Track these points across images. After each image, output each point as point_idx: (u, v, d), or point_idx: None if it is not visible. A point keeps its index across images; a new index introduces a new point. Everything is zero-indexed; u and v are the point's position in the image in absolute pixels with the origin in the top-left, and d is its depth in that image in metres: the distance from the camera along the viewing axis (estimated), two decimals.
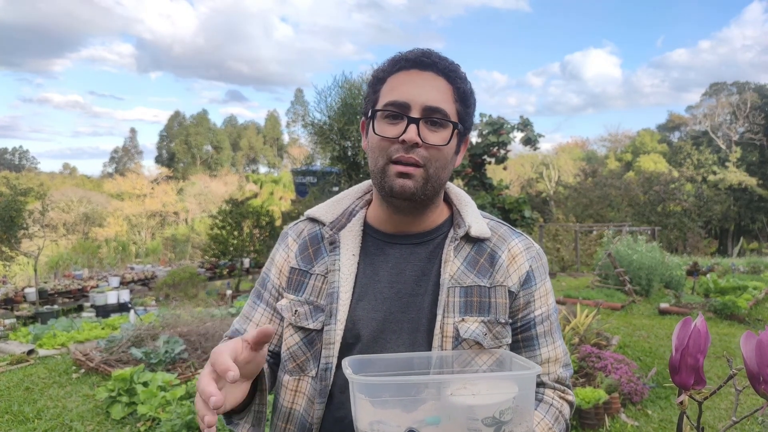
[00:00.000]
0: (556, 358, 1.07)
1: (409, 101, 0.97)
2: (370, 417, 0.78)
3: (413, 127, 0.96)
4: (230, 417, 0.96)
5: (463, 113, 1.03)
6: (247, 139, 60.46)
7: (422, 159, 0.97)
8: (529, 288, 1.05)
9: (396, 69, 1.01)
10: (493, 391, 0.81)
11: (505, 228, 1.11)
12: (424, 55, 1.00)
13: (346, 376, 0.80)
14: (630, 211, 24.48)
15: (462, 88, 1.01)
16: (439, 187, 1.03)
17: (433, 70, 1.00)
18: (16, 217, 10.53)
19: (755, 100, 38.86)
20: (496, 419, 0.79)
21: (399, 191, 0.98)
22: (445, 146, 0.99)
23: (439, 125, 0.98)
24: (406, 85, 0.99)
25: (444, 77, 1.00)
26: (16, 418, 4.56)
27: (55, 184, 37.62)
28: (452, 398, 0.79)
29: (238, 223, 14.15)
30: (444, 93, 0.99)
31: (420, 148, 0.97)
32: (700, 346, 0.62)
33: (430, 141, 0.97)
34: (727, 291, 9.51)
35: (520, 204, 10.68)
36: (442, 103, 0.98)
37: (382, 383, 0.79)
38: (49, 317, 8.98)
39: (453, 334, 0.98)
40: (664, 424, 4.24)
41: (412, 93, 0.98)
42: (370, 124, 1.02)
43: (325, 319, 1.02)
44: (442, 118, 0.98)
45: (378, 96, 1.02)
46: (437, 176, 1.00)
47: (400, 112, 0.97)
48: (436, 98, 0.98)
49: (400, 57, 1.02)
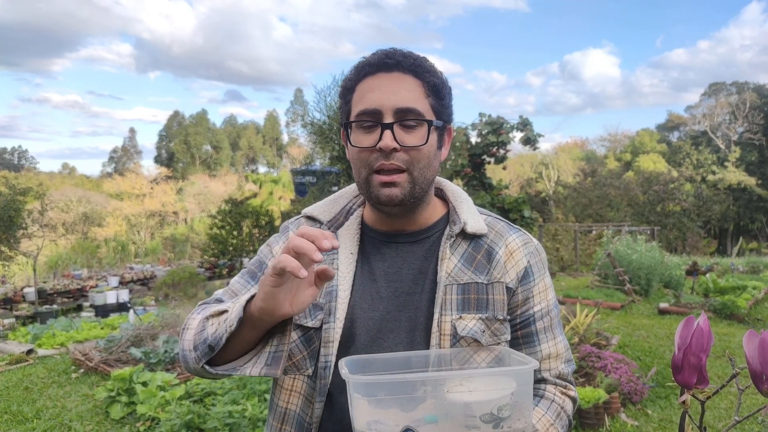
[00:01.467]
0: (557, 354, 1.06)
1: (380, 107, 0.95)
2: (368, 417, 0.78)
3: (388, 133, 0.94)
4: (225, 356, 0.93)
5: (438, 106, 1.01)
6: (246, 138, 60.43)
7: (404, 163, 0.96)
8: (527, 284, 1.04)
9: (362, 76, 0.99)
10: (490, 387, 0.80)
11: (502, 224, 1.10)
12: (387, 56, 0.98)
13: (342, 376, 0.79)
14: (629, 210, 24.48)
15: (432, 82, 0.99)
16: (428, 186, 1.02)
17: (399, 70, 0.98)
18: (16, 216, 10.53)
19: (754, 100, 38.87)
20: (495, 415, 0.79)
21: (386, 200, 0.98)
22: (424, 146, 0.97)
23: (414, 126, 0.97)
24: (374, 91, 0.97)
25: (412, 74, 0.98)
26: (15, 417, 4.55)
27: (55, 183, 37.57)
28: (449, 396, 0.79)
29: (238, 223, 14.16)
30: (414, 91, 0.97)
31: (399, 153, 0.96)
32: (703, 345, 0.62)
33: (408, 143, 0.96)
34: (727, 291, 9.51)
35: (519, 204, 10.68)
36: (414, 101, 0.96)
37: (377, 382, 0.78)
38: (48, 317, 8.98)
39: (451, 332, 0.98)
40: (663, 423, 4.24)
41: (381, 98, 0.96)
42: (348, 136, 1.01)
43: (324, 317, 1.02)
44: (416, 118, 0.96)
45: (350, 107, 1.01)
46: (423, 177, 0.99)
47: (373, 120, 0.96)
48: (406, 98, 0.96)
49: (364, 63, 1.00)
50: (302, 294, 0.87)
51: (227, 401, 4.12)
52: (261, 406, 3.97)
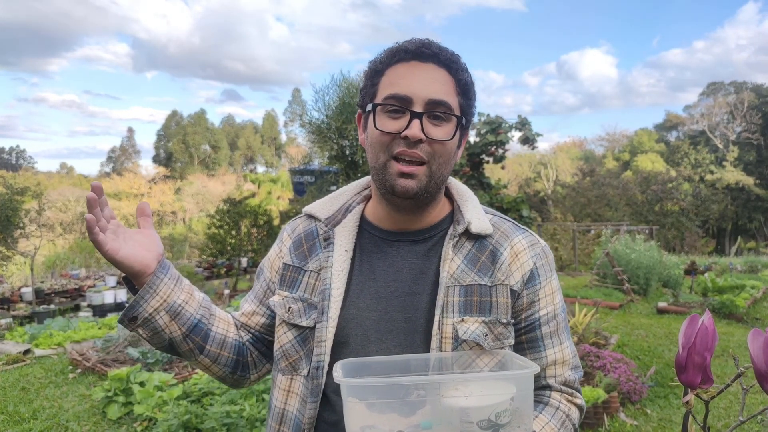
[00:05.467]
0: (563, 360, 1.02)
1: (411, 95, 0.93)
2: (361, 421, 0.76)
3: (416, 122, 0.92)
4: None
5: (465, 106, 0.99)
6: (244, 138, 60.37)
7: (426, 155, 0.94)
8: (533, 286, 1.00)
9: (395, 60, 0.97)
10: (487, 392, 0.77)
11: (509, 224, 1.06)
12: (424, 46, 0.96)
13: (335, 379, 0.78)
14: (628, 210, 24.50)
15: (464, 80, 0.98)
16: (442, 183, 1.00)
17: (434, 62, 0.96)
18: (13, 216, 10.49)
19: (752, 99, 38.92)
20: (492, 422, 0.76)
21: (401, 191, 0.95)
22: (449, 141, 0.96)
23: (442, 119, 0.95)
24: (407, 77, 0.95)
25: (446, 69, 0.97)
26: (12, 418, 4.53)
27: (52, 183, 37.50)
28: (444, 400, 0.77)
29: (236, 223, 14.11)
30: (446, 85, 0.96)
31: (423, 144, 0.94)
32: (708, 344, 0.60)
33: (434, 136, 0.94)
34: (725, 290, 9.52)
35: (518, 203, 10.68)
36: (445, 95, 0.95)
37: (370, 385, 0.77)
38: (45, 317, 8.95)
39: (452, 335, 0.95)
40: (663, 423, 4.23)
41: (414, 86, 0.94)
42: (370, 118, 0.98)
43: (317, 317, 1.00)
44: (446, 112, 0.95)
45: (377, 89, 0.98)
46: (440, 172, 0.97)
47: (403, 107, 0.94)
48: (438, 91, 0.94)
49: (399, 48, 0.98)
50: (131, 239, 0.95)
51: (225, 401, 4.10)
52: (259, 406, 3.96)
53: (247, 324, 1.14)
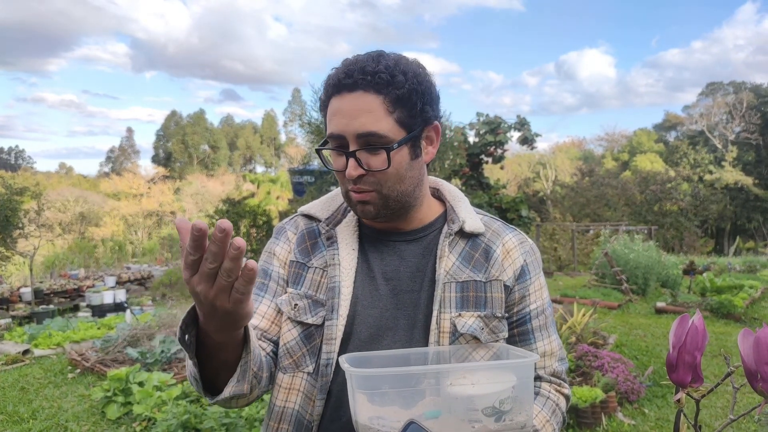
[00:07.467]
0: (551, 352, 1.08)
1: (343, 132, 0.94)
2: (370, 412, 0.78)
3: (352, 161, 0.94)
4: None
5: (406, 116, 0.95)
6: (244, 138, 60.38)
7: (371, 185, 0.96)
8: (524, 282, 1.06)
9: (330, 94, 0.98)
10: (492, 380, 0.81)
11: (498, 223, 1.11)
12: (347, 76, 0.94)
13: (344, 369, 0.79)
14: (627, 210, 24.54)
15: (396, 94, 0.93)
16: (405, 195, 1.00)
17: (361, 88, 0.93)
18: (12, 216, 10.49)
19: (751, 99, 38.98)
20: (496, 409, 0.79)
21: (361, 215, 1.01)
22: (388, 169, 0.95)
23: (378, 147, 0.95)
24: (338, 114, 0.95)
25: (372, 91, 0.93)
26: (11, 418, 4.54)
27: (52, 183, 37.49)
28: (451, 388, 0.79)
29: (235, 223, 14.12)
30: (375, 110, 0.93)
31: (366, 176, 0.96)
32: (698, 344, 0.61)
33: (373, 167, 0.95)
34: (724, 290, 9.53)
35: (517, 203, 10.70)
36: (374, 123, 0.93)
37: (380, 375, 0.78)
38: (44, 317, 8.94)
39: (450, 330, 0.99)
40: (660, 422, 4.25)
41: (343, 123, 0.94)
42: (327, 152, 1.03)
43: (326, 314, 1.01)
44: (377, 142, 0.94)
45: (326, 122, 1.00)
46: (394, 191, 0.98)
47: (339, 146, 0.97)
48: (366, 121, 0.93)
49: (329, 81, 0.98)
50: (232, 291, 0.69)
51: None
52: (258, 405, 3.97)
53: (268, 331, 1.06)
